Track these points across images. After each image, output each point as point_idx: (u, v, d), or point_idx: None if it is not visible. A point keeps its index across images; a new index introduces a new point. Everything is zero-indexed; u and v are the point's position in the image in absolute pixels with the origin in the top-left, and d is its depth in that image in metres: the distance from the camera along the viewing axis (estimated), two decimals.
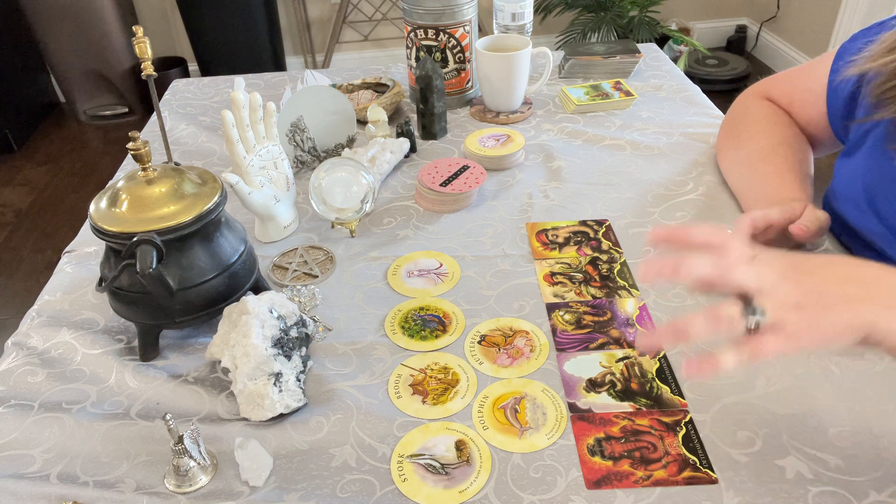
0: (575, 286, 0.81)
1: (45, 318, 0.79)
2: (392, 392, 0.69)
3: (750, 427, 0.63)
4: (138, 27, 0.82)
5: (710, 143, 1.08)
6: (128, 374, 0.71)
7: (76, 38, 2.88)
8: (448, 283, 0.82)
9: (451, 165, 0.99)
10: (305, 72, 1.28)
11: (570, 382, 0.69)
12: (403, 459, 0.62)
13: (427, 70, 1.07)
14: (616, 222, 0.91)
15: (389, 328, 0.76)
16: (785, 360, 0.69)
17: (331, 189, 0.90)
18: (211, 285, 0.70)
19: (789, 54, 3.15)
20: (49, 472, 0.62)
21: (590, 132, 1.12)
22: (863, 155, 0.77)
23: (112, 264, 0.69)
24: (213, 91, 1.34)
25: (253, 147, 0.85)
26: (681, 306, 0.77)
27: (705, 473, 0.59)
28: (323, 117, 1.05)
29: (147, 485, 0.61)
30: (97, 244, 0.91)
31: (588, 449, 0.62)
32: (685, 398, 0.66)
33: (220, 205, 0.70)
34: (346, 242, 0.90)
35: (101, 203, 0.69)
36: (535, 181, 1.01)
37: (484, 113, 1.19)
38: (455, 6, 1.12)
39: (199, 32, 2.96)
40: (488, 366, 0.71)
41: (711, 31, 3.48)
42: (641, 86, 1.27)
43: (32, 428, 0.66)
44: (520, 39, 1.16)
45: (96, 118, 3.16)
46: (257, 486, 0.60)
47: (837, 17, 2.78)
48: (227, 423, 0.66)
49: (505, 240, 0.89)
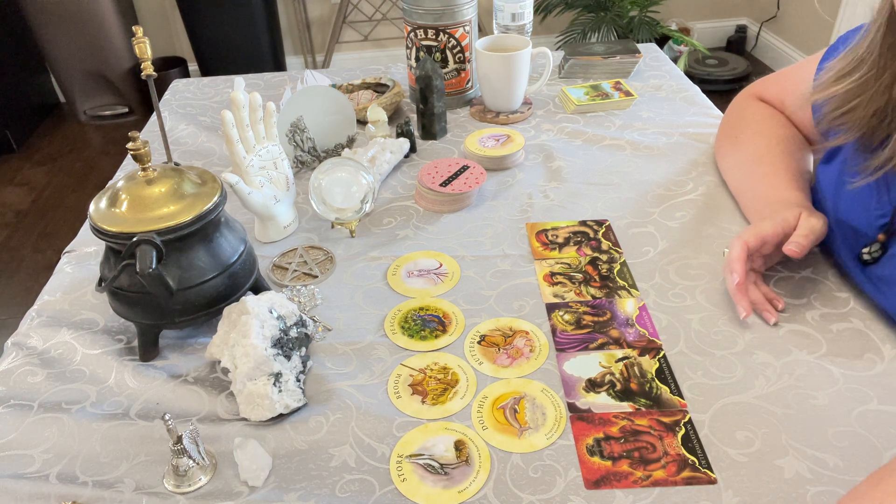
0: (575, 286, 0.81)
1: (44, 318, 0.79)
2: (391, 392, 0.69)
3: (749, 427, 0.63)
4: (138, 27, 0.82)
5: (709, 143, 1.08)
6: (127, 375, 0.71)
7: (76, 38, 2.88)
8: (448, 283, 0.82)
9: (451, 165, 0.99)
10: (305, 72, 1.28)
11: (569, 382, 0.69)
12: (403, 459, 0.62)
13: (427, 70, 1.07)
14: (616, 222, 0.91)
15: (389, 328, 0.76)
16: (785, 361, 0.69)
17: (331, 189, 0.90)
18: (211, 285, 0.70)
19: (789, 54, 3.15)
20: (48, 472, 0.62)
21: (590, 132, 1.12)
22: (837, 165, 0.77)
23: (112, 264, 0.69)
24: (213, 91, 1.34)
25: (253, 147, 0.85)
26: (681, 306, 0.77)
27: (704, 473, 0.59)
28: (323, 117, 1.05)
29: (146, 485, 0.61)
30: (97, 244, 0.91)
31: (587, 449, 0.62)
32: (684, 398, 0.66)
33: (219, 205, 0.71)
34: (346, 242, 0.90)
35: (101, 203, 0.69)
36: (534, 181, 1.01)
37: (484, 113, 1.19)
38: (455, 6, 1.12)
39: (199, 32, 2.96)
40: (488, 366, 0.71)
41: (711, 31, 3.48)
42: (641, 86, 1.27)
43: (32, 428, 0.66)
44: (520, 39, 1.16)
45: (96, 118, 3.16)
46: (256, 486, 0.60)
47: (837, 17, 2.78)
48: (226, 423, 0.66)
49: (505, 240, 0.89)
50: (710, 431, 0.63)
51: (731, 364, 0.70)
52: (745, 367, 0.69)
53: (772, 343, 0.72)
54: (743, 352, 0.71)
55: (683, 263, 0.83)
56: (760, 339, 0.72)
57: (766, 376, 0.68)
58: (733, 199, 0.94)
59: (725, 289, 0.79)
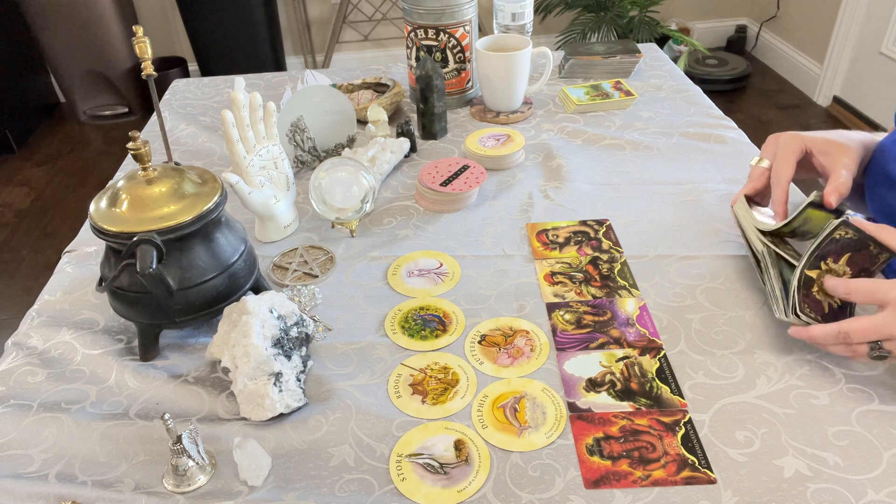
0: (575, 286, 0.81)
1: (45, 318, 0.79)
2: (392, 392, 0.69)
3: (749, 427, 0.63)
4: (138, 27, 0.82)
5: (710, 142, 1.08)
6: (128, 374, 0.71)
7: (76, 38, 2.88)
8: (448, 283, 0.82)
9: (451, 165, 0.99)
10: (305, 72, 1.28)
11: (569, 382, 0.69)
12: (402, 459, 0.62)
13: (427, 70, 1.07)
14: (616, 222, 0.91)
15: (389, 328, 0.76)
16: (785, 361, 0.69)
17: (331, 189, 0.90)
18: (211, 285, 0.70)
19: (789, 54, 3.15)
20: (48, 472, 0.62)
21: (590, 132, 1.12)
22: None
23: (112, 264, 0.69)
24: (213, 91, 1.34)
25: (253, 147, 0.85)
26: (681, 306, 0.77)
27: (704, 473, 0.59)
28: (323, 117, 1.05)
29: (146, 484, 0.61)
30: (97, 244, 0.91)
31: (587, 448, 0.62)
32: (685, 398, 0.66)
33: (220, 205, 0.70)
34: (346, 242, 0.90)
35: (101, 203, 0.69)
36: (535, 181, 1.01)
37: (484, 113, 1.19)
38: (455, 6, 1.12)
39: (199, 32, 2.96)
40: (489, 366, 0.71)
41: (711, 31, 3.48)
42: (641, 86, 1.27)
43: (31, 428, 0.66)
44: (520, 39, 1.16)
45: (96, 118, 3.16)
46: (256, 486, 0.60)
47: (837, 17, 2.78)
48: (225, 423, 0.66)
49: (505, 240, 0.89)
50: (709, 431, 0.63)
51: (732, 364, 0.69)
52: (746, 367, 0.69)
53: (773, 343, 0.72)
54: (744, 351, 0.71)
55: (684, 263, 0.83)
56: (761, 339, 0.72)
57: (767, 376, 0.68)
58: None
59: (726, 288, 0.79)
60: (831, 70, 2.86)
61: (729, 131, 1.11)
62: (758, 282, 0.79)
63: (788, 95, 3.06)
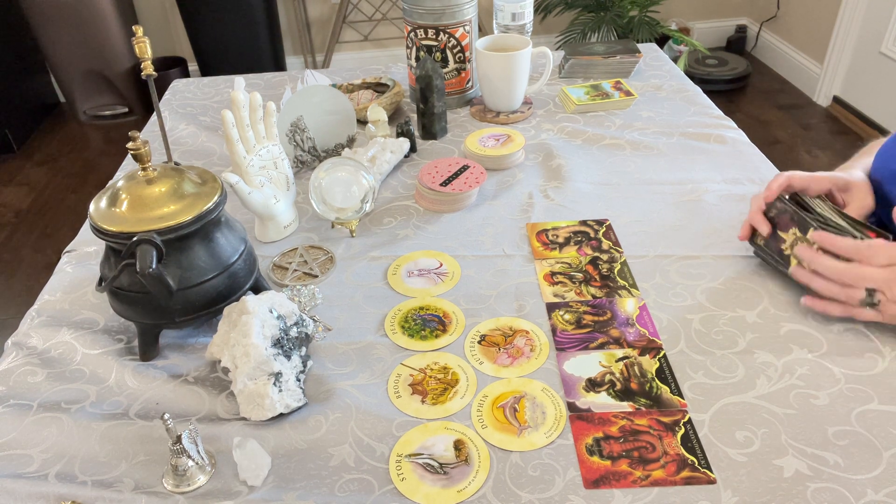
0: (575, 286, 0.81)
1: (45, 317, 0.79)
2: (391, 392, 0.69)
3: (749, 427, 0.63)
4: (138, 27, 0.82)
5: (710, 142, 1.08)
6: (127, 374, 0.71)
7: (76, 38, 2.88)
8: (448, 283, 0.82)
9: (451, 165, 0.99)
10: (305, 72, 1.28)
11: (569, 382, 0.69)
12: (402, 459, 0.62)
13: (427, 70, 1.07)
14: (616, 222, 0.91)
15: (389, 328, 0.76)
16: (786, 360, 0.69)
17: (331, 189, 0.90)
18: (211, 285, 0.70)
19: (789, 54, 3.15)
20: (47, 472, 0.62)
21: (590, 132, 1.12)
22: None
23: (112, 264, 0.69)
24: (213, 91, 1.34)
25: (253, 147, 0.85)
26: (681, 306, 0.77)
27: (703, 473, 0.59)
28: (323, 117, 1.05)
29: (145, 484, 0.61)
30: (97, 244, 0.91)
31: (587, 448, 0.62)
32: (684, 398, 0.66)
33: (220, 205, 0.70)
34: (346, 242, 0.90)
35: (101, 203, 0.69)
36: (535, 181, 1.01)
37: (484, 113, 1.19)
38: (455, 6, 1.12)
39: (199, 32, 2.96)
40: (488, 365, 0.71)
41: (711, 31, 3.48)
42: (641, 86, 1.27)
43: (31, 428, 0.66)
44: (520, 39, 1.16)
45: (96, 118, 3.16)
46: (255, 486, 0.60)
47: (837, 17, 2.78)
48: (225, 423, 0.66)
49: (505, 239, 0.89)
50: (709, 431, 0.63)
51: (732, 364, 0.70)
52: (746, 367, 0.69)
53: (773, 343, 0.72)
54: (744, 351, 0.71)
55: (684, 263, 0.83)
56: (761, 339, 0.72)
57: (767, 376, 0.68)
58: (733, 200, 0.94)
59: (726, 288, 0.79)
60: (831, 70, 2.86)
61: (729, 131, 1.11)
62: (758, 282, 0.79)
63: (788, 95, 3.06)
